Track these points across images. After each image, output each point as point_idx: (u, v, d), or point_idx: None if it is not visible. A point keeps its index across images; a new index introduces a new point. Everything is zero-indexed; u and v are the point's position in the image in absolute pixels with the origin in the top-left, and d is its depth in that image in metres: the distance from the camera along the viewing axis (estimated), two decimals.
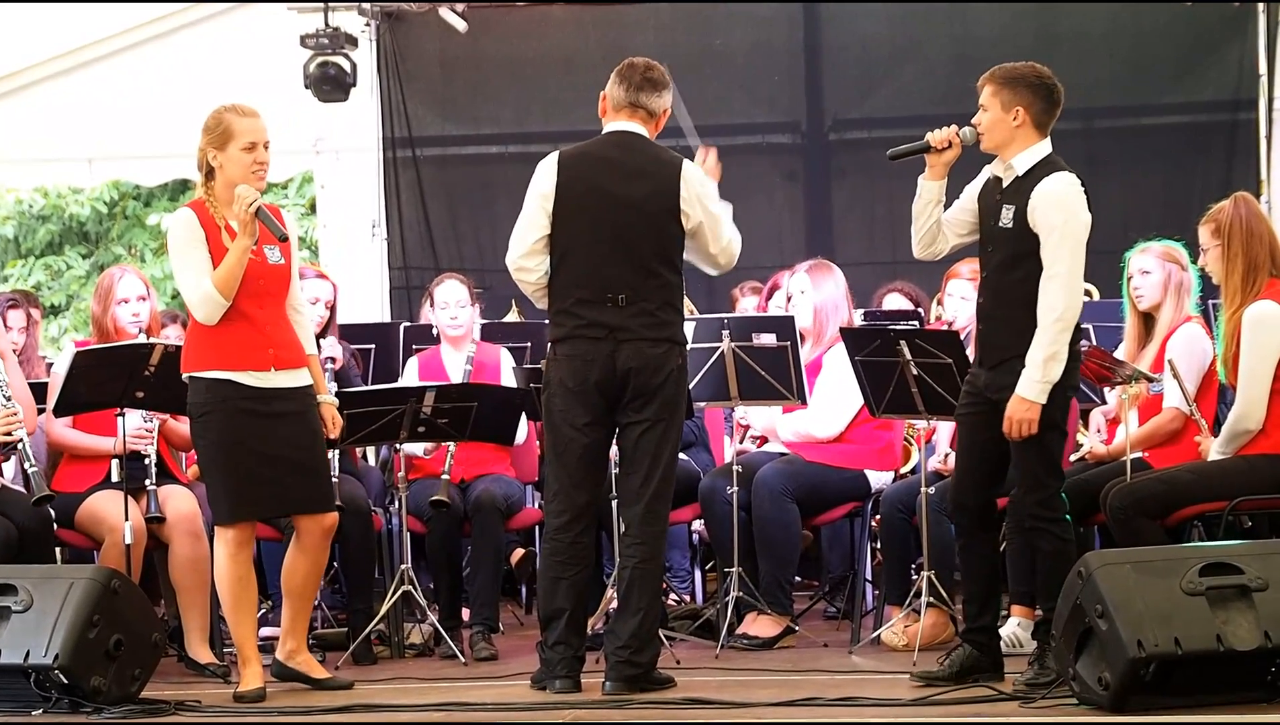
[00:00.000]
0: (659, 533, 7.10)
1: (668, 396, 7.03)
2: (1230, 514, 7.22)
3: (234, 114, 7.19)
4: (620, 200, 7.04)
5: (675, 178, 7.08)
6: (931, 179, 6.94)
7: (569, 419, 7.04)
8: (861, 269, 8.77)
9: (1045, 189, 6.72)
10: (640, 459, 7.05)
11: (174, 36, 12.72)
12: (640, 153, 7.13)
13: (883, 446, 8.55)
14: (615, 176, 7.08)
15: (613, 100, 7.19)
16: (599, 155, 7.15)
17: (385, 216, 12.75)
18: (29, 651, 6.70)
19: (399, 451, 8.42)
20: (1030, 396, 6.67)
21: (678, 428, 7.12)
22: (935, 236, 7.01)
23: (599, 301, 7.01)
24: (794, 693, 6.77)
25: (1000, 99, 6.81)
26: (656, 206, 7.06)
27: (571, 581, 7.06)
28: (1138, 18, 12.30)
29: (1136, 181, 12.30)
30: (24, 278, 18.77)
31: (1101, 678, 6.15)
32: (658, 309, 7.04)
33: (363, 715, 6.75)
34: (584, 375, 7.00)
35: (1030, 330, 6.71)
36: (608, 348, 6.98)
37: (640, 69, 7.18)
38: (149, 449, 8.09)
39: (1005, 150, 6.83)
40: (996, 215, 6.84)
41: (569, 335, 7.04)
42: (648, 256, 7.05)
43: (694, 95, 12.47)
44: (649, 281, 7.04)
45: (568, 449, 7.07)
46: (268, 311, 7.22)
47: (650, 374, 6.99)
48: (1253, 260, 7.35)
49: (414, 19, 12.77)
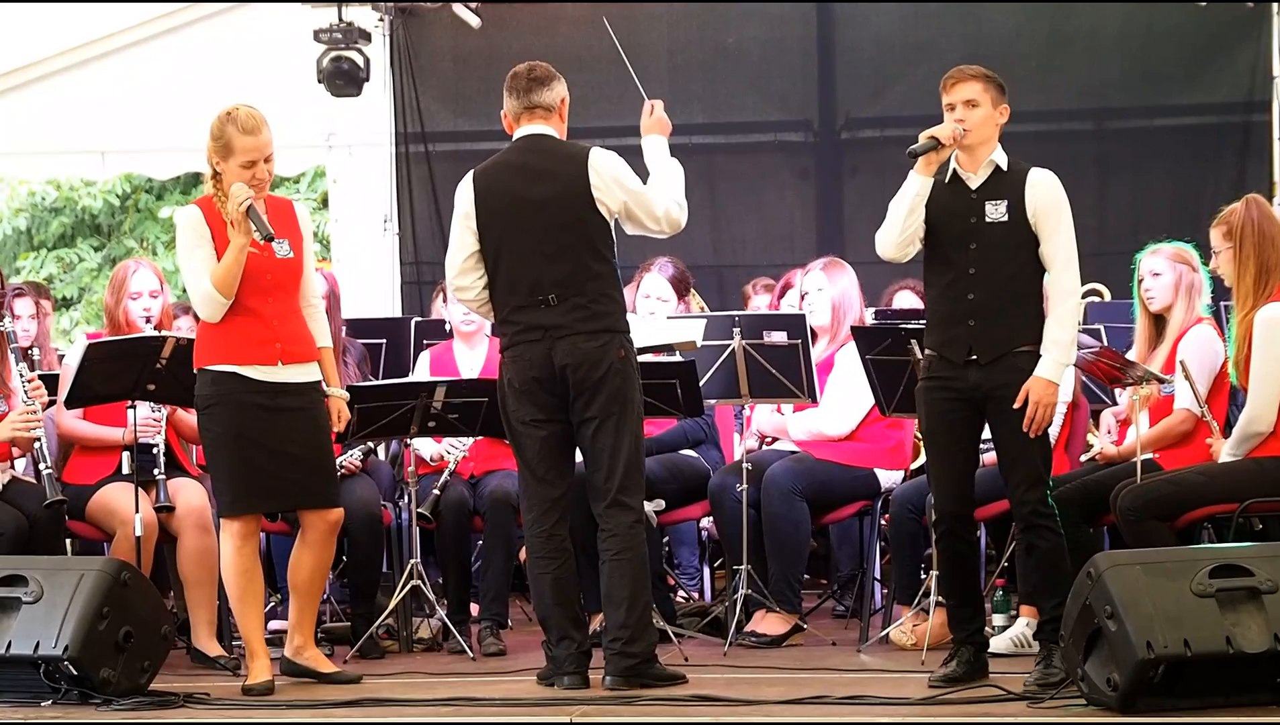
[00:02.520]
0: (632, 522, 7.10)
1: (613, 390, 7.05)
2: (1240, 516, 7.21)
3: (235, 128, 7.15)
4: (533, 202, 7.10)
5: (583, 170, 7.10)
6: (927, 175, 6.92)
7: (520, 417, 7.11)
8: (872, 267, 8.75)
9: (1041, 179, 6.85)
10: (599, 456, 7.09)
11: (187, 30, 12.74)
12: (547, 154, 7.18)
13: (893, 445, 8.54)
14: (525, 180, 7.13)
15: (511, 112, 7.25)
16: (509, 163, 7.21)
17: (397, 211, 12.77)
18: (39, 643, 6.72)
19: (409, 446, 8.43)
20: (1054, 378, 6.74)
21: (632, 419, 7.12)
22: (917, 235, 6.98)
23: (532, 305, 7.08)
24: (802, 691, 6.76)
25: (990, 96, 6.90)
26: (570, 201, 7.11)
27: (555, 576, 7.11)
28: (1150, 18, 12.30)
29: (1148, 183, 12.30)
30: (36, 270, 18.80)
31: (1110, 679, 6.14)
32: (591, 301, 7.09)
33: (370, 709, 6.76)
34: (525, 374, 7.07)
35: (1029, 322, 6.79)
36: (544, 347, 7.05)
37: (524, 74, 7.23)
38: (157, 439, 8.11)
39: (985, 146, 6.90)
40: (979, 212, 6.85)
41: (512, 342, 7.13)
42: (572, 253, 7.10)
43: (707, 93, 12.55)
44: (577, 276, 7.08)
45: (525, 446, 7.14)
46: (276, 306, 7.22)
47: (588, 369, 7.02)
48: (1264, 262, 7.35)
49: (427, 14, 12.79)
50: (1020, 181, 6.84)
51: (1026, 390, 6.73)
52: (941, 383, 6.92)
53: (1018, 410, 6.75)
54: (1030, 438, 6.75)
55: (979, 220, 6.85)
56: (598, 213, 7.12)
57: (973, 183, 6.90)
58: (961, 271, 6.89)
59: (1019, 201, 6.81)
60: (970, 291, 6.87)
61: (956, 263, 6.89)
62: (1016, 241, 6.82)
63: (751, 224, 12.70)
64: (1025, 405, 6.74)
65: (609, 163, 7.15)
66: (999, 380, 6.79)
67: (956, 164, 6.93)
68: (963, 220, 6.88)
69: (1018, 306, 6.82)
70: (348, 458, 8.33)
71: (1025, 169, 6.89)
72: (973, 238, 6.87)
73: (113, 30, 12.65)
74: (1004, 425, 6.82)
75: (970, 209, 6.88)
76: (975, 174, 6.90)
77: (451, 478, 8.53)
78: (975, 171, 6.90)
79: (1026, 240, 6.82)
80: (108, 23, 12.59)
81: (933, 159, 6.88)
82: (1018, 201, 6.81)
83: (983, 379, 6.83)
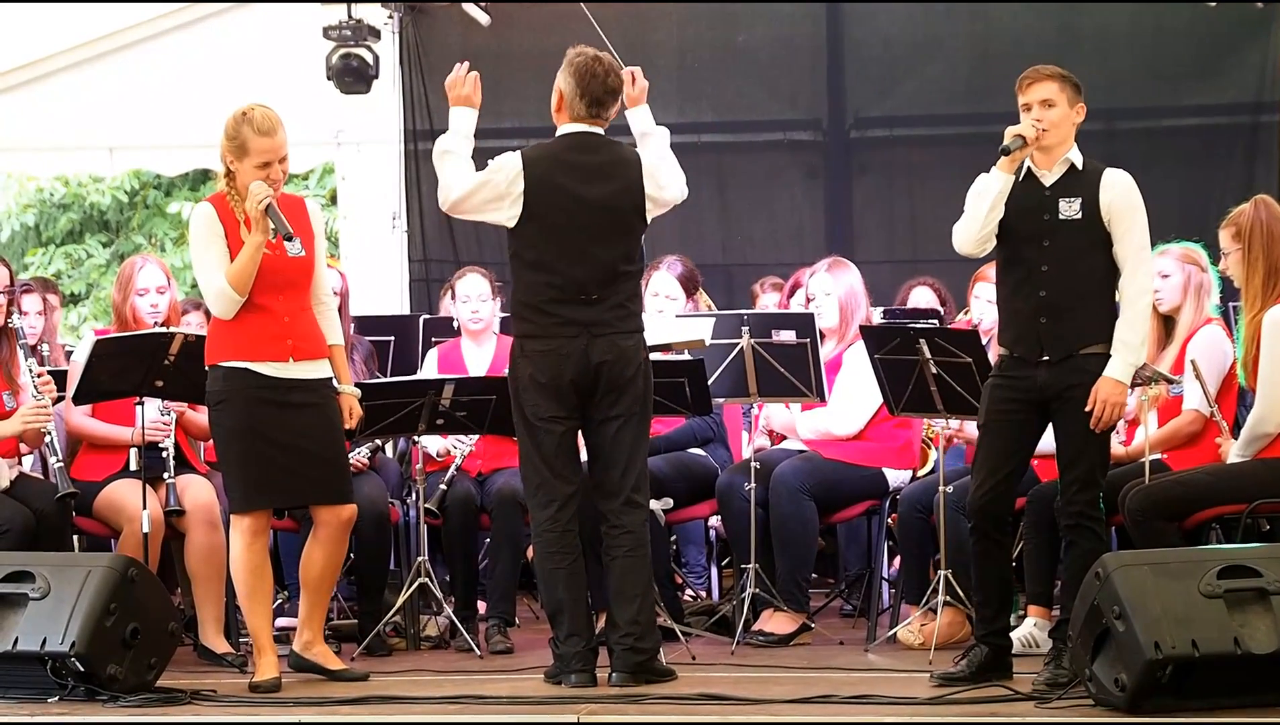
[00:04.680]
0: (642, 520, 7.16)
1: (638, 390, 7.12)
2: (1249, 517, 7.21)
3: (251, 129, 7.15)
4: (587, 203, 7.12)
5: (639, 176, 7.18)
6: (1009, 172, 6.93)
7: (538, 412, 7.11)
8: (881, 267, 8.77)
9: (1116, 178, 6.90)
10: (618, 453, 7.13)
11: (197, 27, 12.74)
12: (602, 154, 7.19)
13: (901, 445, 8.54)
14: (580, 179, 7.14)
15: (570, 108, 7.22)
16: (561, 157, 7.20)
17: (406, 208, 12.76)
18: (46, 639, 6.73)
19: (417, 443, 8.43)
20: (1124, 378, 6.80)
21: (648, 420, 7.23)
22: (994, 231, 6.99)
23: (573, 300, 7.09)
24: (809, 690, 6.77)
25: (1066, 95, 6.92)
26: (623, 205, 7.16)
27: (568, 571, 7.11)
28: (1159, 18, 12.28)
29: (1157, 183, 12.16)
30: (44, 266, 18.81)
31: (1118, 679, 6.14)
32: (627, 300, 7.16)
33: (377, 706, 6.76)
34: (558, 370, 7.07)
35: (1099, 323, 6.85)
36: (582, 343, 7.06)
37: (601, 76, 7.19)
38: (166, 442, 8.11)
39: (1062, 146, 6.93)
40: (1051, 210, 6.89)
41: (543, 333, 7.11)
42: (616, 254, 7.15)
43: (715, 91, 12.54)
44: (616, 276, 7.13)
45: (543, 442, 7.13)
46: (287, 303, 7.23)
47: (622, 366, 7.07)
48: (1273, 263, 7.36)
49: (437, 12, 12.78)
50: (1095, 180, 6.89)
51: (1096, 390, 6.77)
52: (1011, 382, 6.96)
53: (1081, 411, 6.79)
54: (1091, 440, 6.80)
55: (1052, 217, 6.90)
56: (643, 219, 7.20)
57: (1047, 180, 6.94)
58: (1034, 268, 6.93)
59: (1093, 200, 6.86)
60: (1042, 288, 6.91)
61: (1029, 259, 6.93)
62: (1090, 240, 6.86)
63: (760, 223, 12.68)
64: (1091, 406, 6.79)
65: (652, 167, 7.24)
66: (1066, 381, 6.83)
67: (1031, 162, 6.96)
68: (1036, 217, 6.92)
69: (1088, 305, 6.87)
70: (355, 456, 8.32)
71: (1100, 168, 6.93)
72: (1046, 235, 6.91)
73: (122, 26, 12.64)
74: (1067, 425, 6.87)
75: (1044, 206, 6.92)
76: (1050, 171, 6.94)
77: (458, 474, 8.52)
78: (1050, 170, 6.95)
79: (1100, 239, 6.86)
80: (117, 19, 12.59)
81: (1017, 157, 6.90)
82: (1092, 200, 6.86)
83: (1050, 379, 6.86)
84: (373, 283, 12.24)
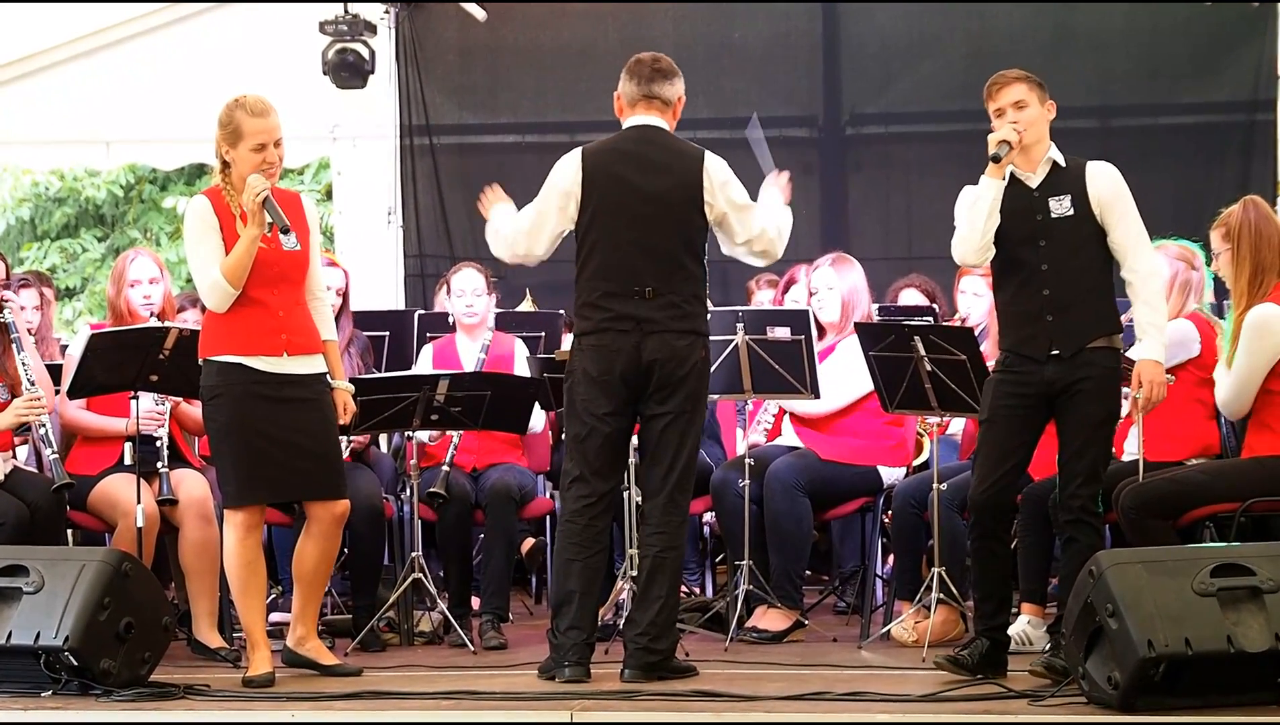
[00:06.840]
0: (680, 522, 7.15)
1: (691, 389, 7.09)
2: (1242, 515, 7.22)
3: (244, 112, 7.15)
4: (644, 194, 7.11)
5: (698, 170, 7.14)
6: (1000, 177, 6.96)
7: (590, 408, 7.09)
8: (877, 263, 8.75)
9: (1100, 169, 7.00)
10: (664, 451, 7.11)
11: (193, 21, 12.72)
12: (661, 146, 7.19)
13: (895, 442, 8.55)
14: (638, 170, 7.14)
15: (627, 97, 7.27)
16: (621, 150, 7.22)
17: (401, 204, 12.75)
18: (39, 633, 6.73)
19: (411, 439, 8.43)
20: (1160, 357, 6.93)
21: (701, 419, 7.19)
22: (993, 238, 7.01)
23: (626, 294, 7.07)
24: (803, 687, 6.77)
25: (1036, 95, 7.00)
26: (679, 198, 7.13)
27: (585, 564, 7.11)
28: (1155, 16, 12.27)
29: (1152, 181, 12.23)
30: (39, 260, 18.78)
31: (1111, 677, 6.15)
32: (684, 301, 7.12)
33: (371, 702, 6.76)
34: (609, 365, 7.06)
35: (1103, 316, 6.94)
36: (634, 339, 7.05)
37: (648, 62, 7.28)
38: (160, 432, 8.11)
39: (1040, 145, 7.00)
40: (1043, 209, 6.94)
41: (596, 328, 7.11)
42: (673, 249, 7.12)
43: (711, 88, 12.52)
44: (675, 274, 7.11)
45: (589, 437, 7.12)
46: (282, 297, 7.23)
47: (675, 366, 7.05)
48: (1260, 263, 7.40)
49: (433, 8, 12.77)
50: (1080, 175, 6.98)
51: (1137, 373, 6.91)
52: (1016, 377, 7.00)
53: (1088, 405, 6.84)
54: (1097, 435, 6.86)
55: (1045, 217, 6.96)
56: (702, 214, 7.18)
57: (1032, 182, 7.00)
58: (1034, 269, 6.97)
59: (1081, 194, 6.95)
60: (1045, 287, 6.96)
61: (1028, 261, 6.97)
62: (1084, 234, 6.94)
63: None
64: (1094, 404, 6.88)
65: (721, 168, 7.23)
66: (1074, 375, 6.88)
67: (1014, 165, 7.00)
68: (1029, 219, 6.97)
69: (1092, 299, 6.94)
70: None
71: (1082, 163, 7.02)
72: (1041, 235, 6.96)
73: (118, 20, 12.63)
74: (1073, 419, 6.91)
75: (1034, 207, 6.97)
76: (1034, 173, 7.01)
77: (452, 469, 8.52)
78: (1034, 171, 7.01)
79: (1094, 232, 6.94)
80: (113, 13, 12.57)
81: (1007, 162, 6.94)
82: (1080, 194, 6.95)
83: (1057, 375, 6.91)
84: (368, 278, 12.22)
